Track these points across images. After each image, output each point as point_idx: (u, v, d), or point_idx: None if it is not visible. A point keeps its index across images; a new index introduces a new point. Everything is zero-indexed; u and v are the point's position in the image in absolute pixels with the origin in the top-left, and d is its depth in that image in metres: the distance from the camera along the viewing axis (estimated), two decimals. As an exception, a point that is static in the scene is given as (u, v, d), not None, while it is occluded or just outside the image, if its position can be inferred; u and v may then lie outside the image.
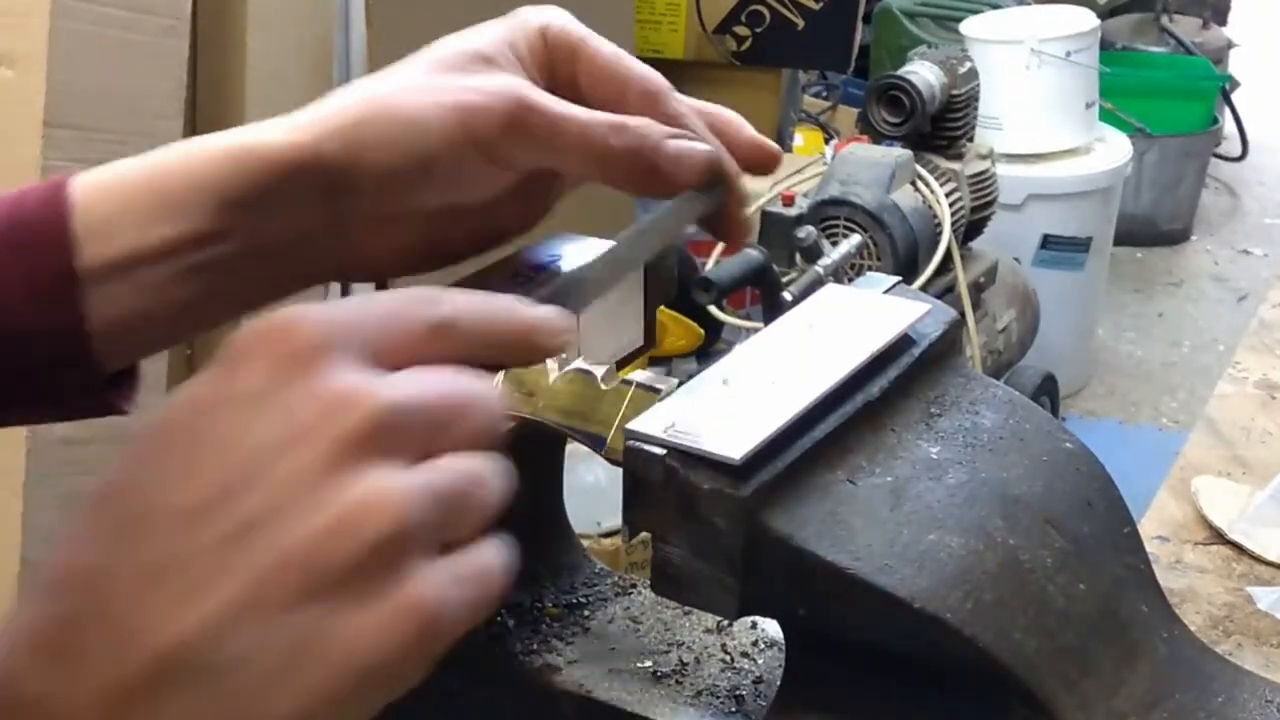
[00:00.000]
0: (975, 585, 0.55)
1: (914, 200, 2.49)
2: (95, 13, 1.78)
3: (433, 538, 0.42)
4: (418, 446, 0.43)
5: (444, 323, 0.45)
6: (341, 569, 0.40)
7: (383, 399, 0.42)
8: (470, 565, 0.43)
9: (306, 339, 0.42)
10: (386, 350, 0.44)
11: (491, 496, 0.44)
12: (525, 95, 0.58)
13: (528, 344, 0.47)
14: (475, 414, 0.44)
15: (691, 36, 3.32)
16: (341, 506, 0.41)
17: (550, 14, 0.63)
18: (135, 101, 1.84)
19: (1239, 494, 1.17)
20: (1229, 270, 4.25)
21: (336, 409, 0.41)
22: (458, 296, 0.46)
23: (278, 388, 0.41)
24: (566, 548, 0.73)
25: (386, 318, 0.44)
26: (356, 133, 0.58)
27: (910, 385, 0.63)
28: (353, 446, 0.41)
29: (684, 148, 0.59)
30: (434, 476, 0.42)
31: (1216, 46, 4.55)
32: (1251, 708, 0.61)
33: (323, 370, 0.42)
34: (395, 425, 0.42)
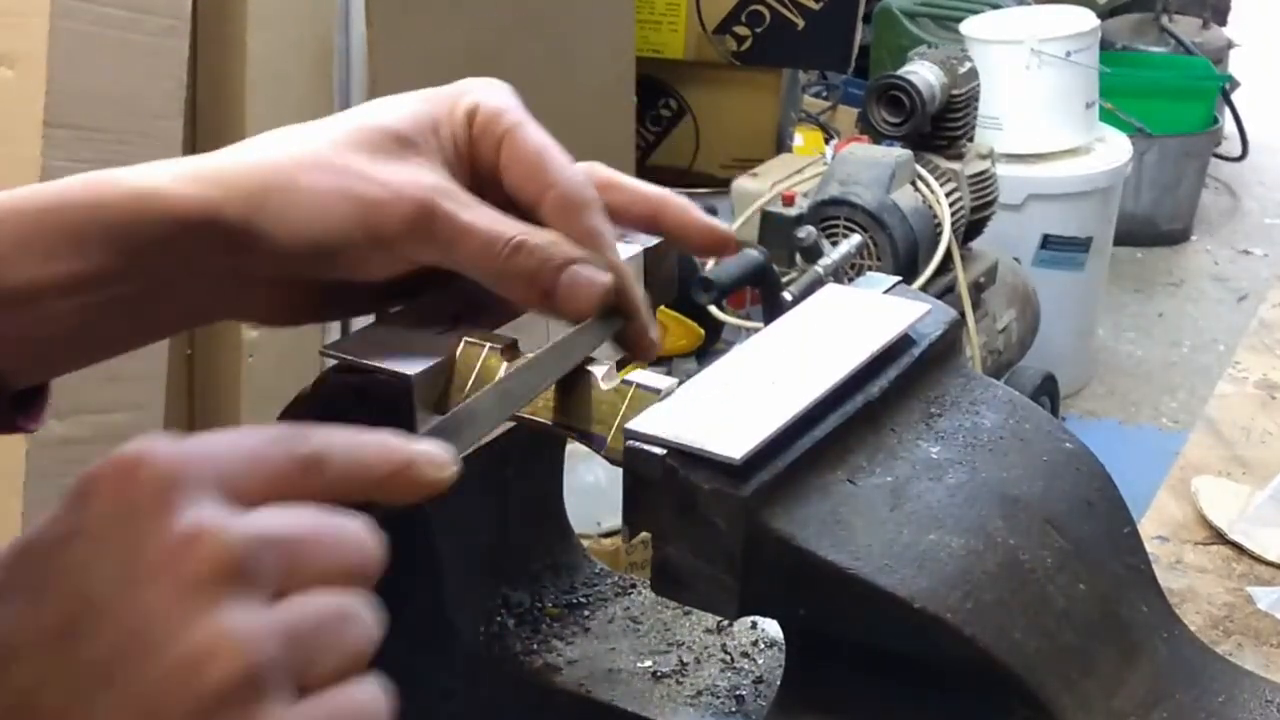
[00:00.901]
0: (975, 585, 0.55)
1: (914, 200, 2.49)
2: (95, 13, 1.78)
3: (290, 679, 0.40)
4: (275, 583, 0.41)
5: (311, 460, 0.43)
6: (188, 715, 0.39)
7: (233, 534, 0.40)
8: (334, 706, 0.41)
9: (157, 474, 0.41)
10: (247, 488, 0.42)
11: (361, 633, 0.42)
12: (431, 199, 0.57)
13: (405, 479, 0.46)
14: (342, 548, 0.43)
15: (691, 36, 3.32)
16: (185, 650, 0.39)
17: (484, 94, 0.61)
18: (135, 101, 1.84)
19: (1239, 494, 1.17)
20: (1229, 270, 4.25)
21: (182, 548, 0.40)
22: (329, 433, 0.44)
23: (123, 527, 0.40)
24: (566, 548, 0.73)
25: (250, 454, 0.43)
26: (256, 201, 0.57)
27: (910, 385, 0.63)
28: (200, 586, 0.40)
29: (580, 278, 0.58)
30: (291, 614, 0.41)
31: (1216, 46, 4.55)
32: (1251, 708, 0.61)
33: (170, 508, 0.40)
34: (246, 563, 0.40)
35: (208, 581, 0.40)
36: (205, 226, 0.57)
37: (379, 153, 0.58)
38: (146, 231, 0.57)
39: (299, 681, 0.40)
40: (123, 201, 0.57)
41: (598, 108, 2.66)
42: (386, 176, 0.57)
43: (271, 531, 0.41)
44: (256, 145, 0.59)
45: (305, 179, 0.57)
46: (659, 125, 3.40)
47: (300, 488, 0.43)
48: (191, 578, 0.40)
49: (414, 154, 0.58)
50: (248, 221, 0.57)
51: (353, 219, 0.57)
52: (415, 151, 0.58)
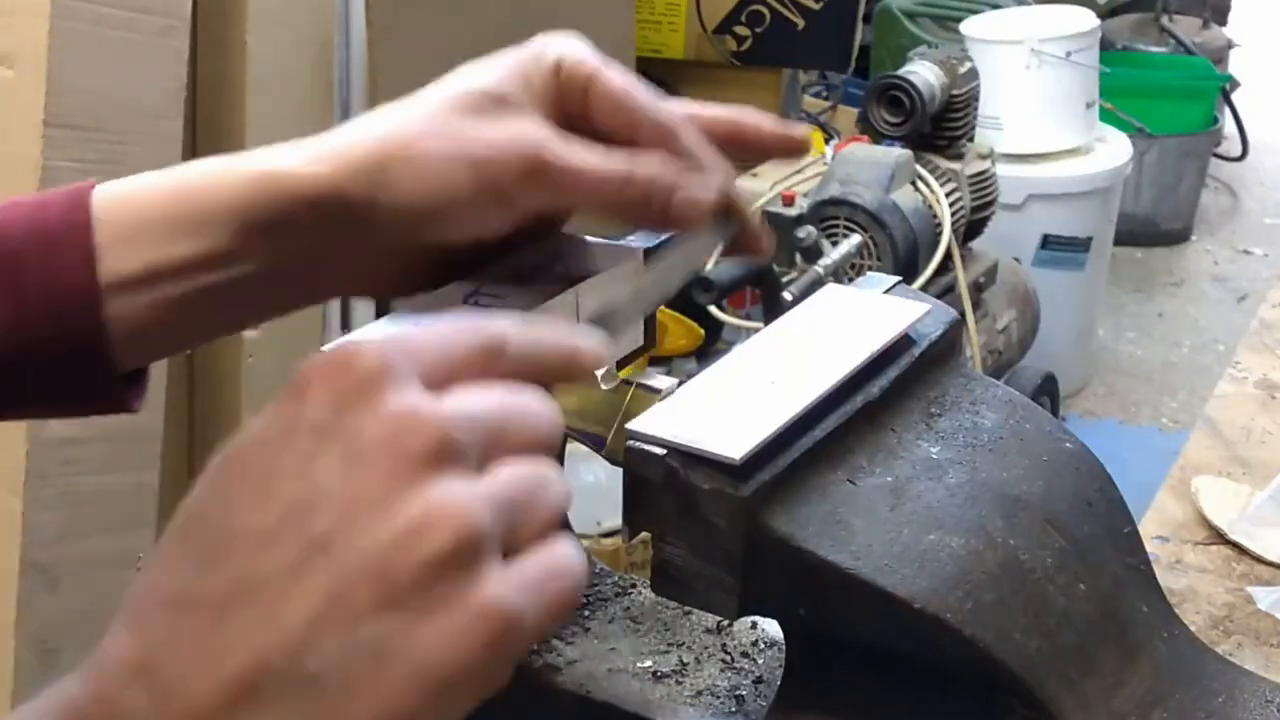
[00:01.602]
0: (975, 585, 0.55)
1: (914, 200, 2.49)
2: (95, 13, 1.78)
3: (500, 544, 0.43)
4: (479, 458, 0.44)
5: (495, 345, 0.47)
6: (413, 578, 0.41)
7: (442, 416, 0.43)
8: (542, 566, 0.44)
9: (365, 369, 0.43)
10: (441, 373, 0.45)
11: (555, 498, 0.45)
12: (540, 147, 0.60)
13: (572, 364, 0.49)
14: (531, 422, 0.46)
15: (691, 36, 3.32)
16: (408, 518, 0.42)
17: (564, 46, 0.64)
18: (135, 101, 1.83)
19: (1239, 494, 1.17)
20: (1229, 270, 4.25)
21: (398, 430, 0.43)
22: (505, 322, 0.48)
23: (339, 417, 0.43)
24: (566, 548, 0.73)
25: (441, 343, 0.46)
26: (378, 174, 0.60)
27: (910, 385, 0.63)
28: (415, 464, 0.42)
29: (692, 196, 0.61)
30: (497, 484, 0.44)
31: (1216, 46, 4.55)
32: (1251, 708, 0.61)
33: (380, 397, 0.43)
34: (455, 439, 0.43)
35: (421, 458, 0.42)
36: (324, 203, 0.60)
37: (482, 113, 0.61)
38: (264, 211, 0.60)
39: (507, 544, 0.43)
40: (240, 183, 0.60)
41: (598, 108, 2.66)
42: (494, 134, 0.60)
43: (473, 410, 0.44)
44: (367, 122, 0.62)
45: (419, 147, 0.60)
46: (659, 125, 3.39)
47: (487, 370, 0.46)
48: (406, 455, 0.42)
49: (513, 110, 0.61)
50: (370, 194, 0.60)
51: (469, 179, 0.60)
52: (514, 107, 0.61)
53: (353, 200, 0.60)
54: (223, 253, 0.60)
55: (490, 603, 0.42)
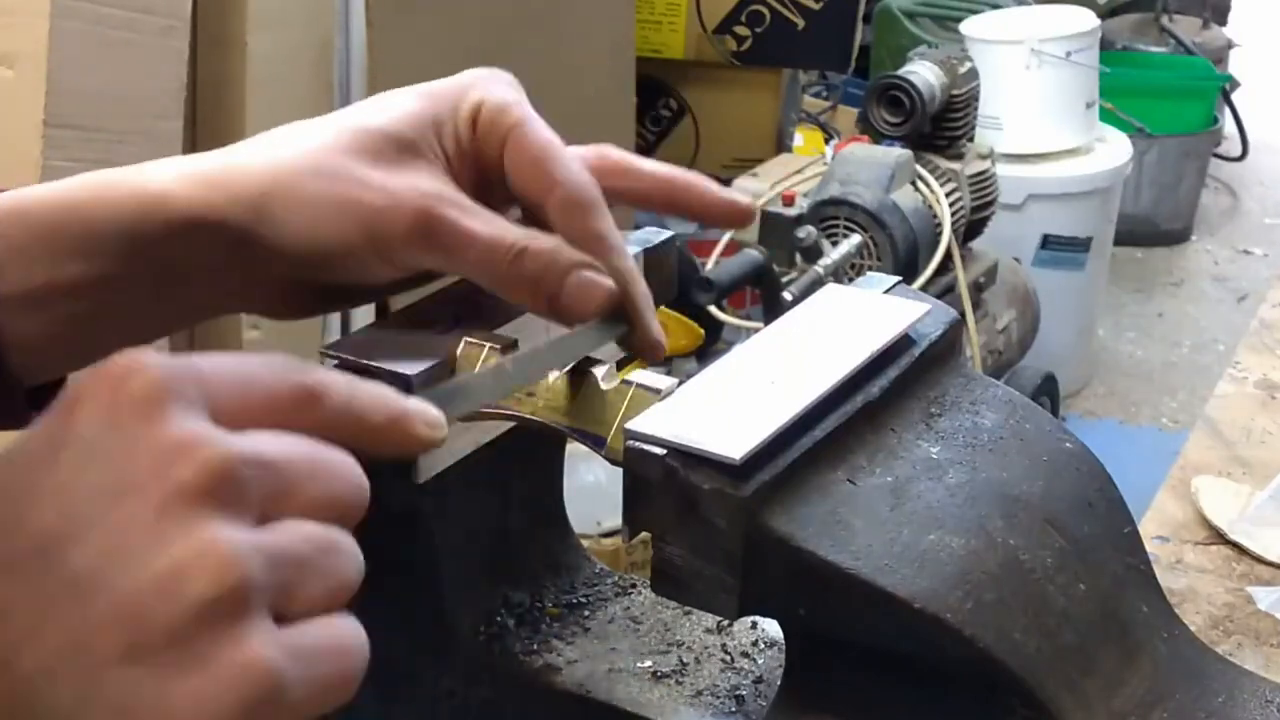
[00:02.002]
0: (975, 585, 0.55)
1: (914, 200, 2.49)
2: (95, 13, 1.78)
3: (272, 603, 0.39)
4: (263, 505, 0.40)
5: (309, 392, 0.43)
6: (167, 628, 0.38)
7: (221, 450, 0.39)
8: (315, 637, 0.40)
9: (144, 385, 0.40)
10: (240, 410, 0.41)
11: (344, 570, 0.41)
12: (431, 208, 0.57)
13: (398, 430, 0.45)
14: (333, 483, 0.42)
15: (691, 36, 3.32)
16: (168, 560, 0.38)
17: (488, 89, 0.60)
18: (135, 101, 1.84)
19: (1239, 494, 1.17)
20: (1229, 270, 4.25)
21: (169, 458, 0.39)
22: (328, 371, 0.44)
23: (109, 435, 0.39)
24: (566, 548, 0.73)
25: (246, 377, 0.42)
26: (259, 207, 0.57)
27: (910, 385, 0.63)
28: (185, 498, 0.39)
29: (584, 284, 0.57)
30: (276, 538, 0.40)
31: (1216, 46, 4.54)
32: (1251, 708, 0.61)
33: (159, 418, 0.39)
34: (234, 479, 0.39)
35: (193, 494, 0.39)
36: (210, 230, 0.57)
37: (379, 157, 0.58)
38: (152, 234, 0.58)
39: (281, 608, 0.40)
40: (128, 204, 0.58)
41: (598, 108, 2.66)
42: (387, 183, 0.57)
43: (263, 452, 0.40)
44: (259, 146, 0.59)
45: (307, 186, 0.57)
46: (659, 125, 3.40)
47: (293, 419, 0.42)
48: (177, 489, 0.39)
49: (415, 158, 0.58)
50: (251, 226, 0.57)
51: (354, 227, 0.57)
52: (416, 155, 0.58)
53: (233, 229, 0.57)
54: (111, 274, 0.58)
55: (251, 661, 0.38)
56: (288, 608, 0.40)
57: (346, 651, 0.41)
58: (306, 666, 0.39)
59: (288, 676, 0.39)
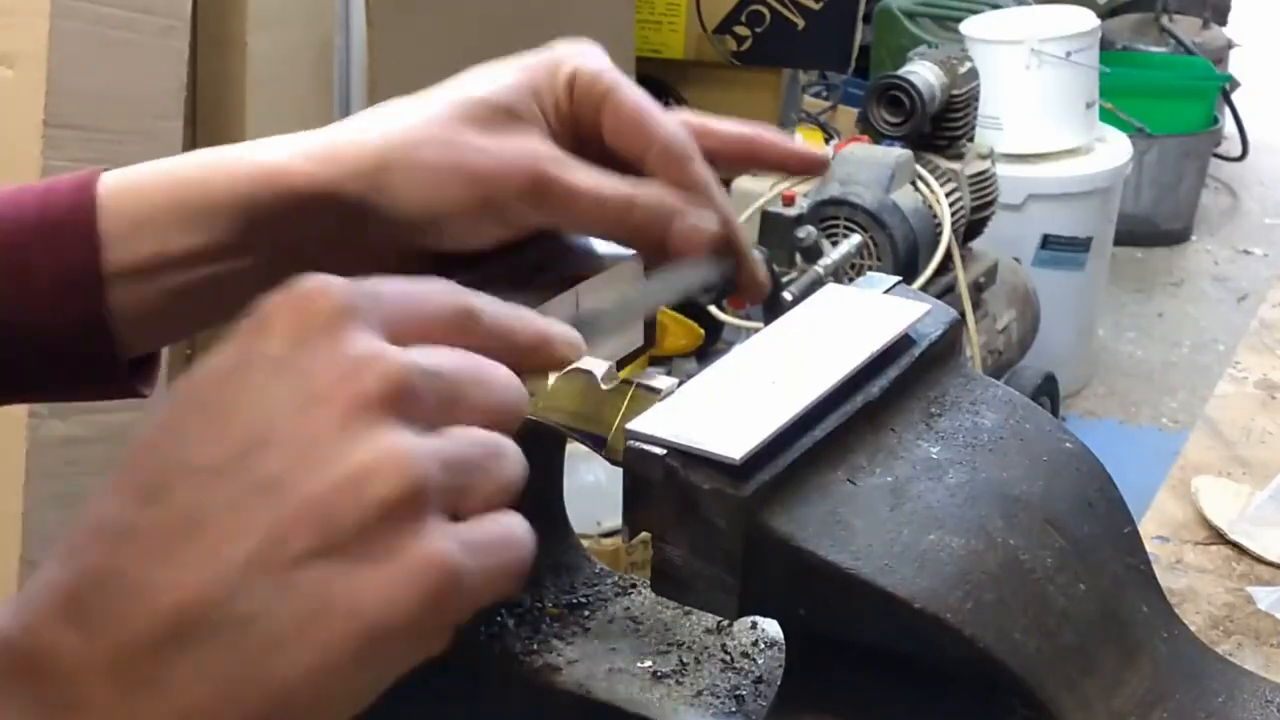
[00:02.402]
0: (975, 585, 0.55)
1: (914, 200, 2.49)
2: (95, 13, 1.78)
3: (447, 503, 0.42)
4: (435, 415, 0.43)
5: (469, 312, 0.46)
6: (354, 526, 0.40)
7: (400, 363, 0.42)
8: (489, 531, 0.43)
9: (328, 306, 0.43)
10: (408, 327, 0.44)
11: (509, 472, 0.44)
12: (542, 167, 0.59)
13: (542, 350, 0.49)
14: (495, 391, 0.45)
15: (691, 36, 3.32)
16: (354, 464, 0.41)
17: (581, 58, 0.63)
18: (135, 101, 1.84)
19: (1239, 494, 1.17)
20: (1229, 270, 4.25)
21: (353, 371, 0.42)
22: (483, 295, 0.47)
23: (298, 351, 0.42)
24: (566, 548, 0.73)
25: (414, 297, 0.45)
26: (376, 178, 0.59)
27: (910, 385, 0.63)
28: (368, 408, 0.41)
29: (691, 228, 0.61)
30: (450, 443, 0.43)
31: (1216, 46, 4.55)
32: (1251, 708, 0.61)
33: (342, 335, 0.42)
34: (412, 390, 0.42)
35: (376, 404, 0.41)
36: (325, 202, 0.60)
37: (488, 125, 0.60)
38: (264, 206, 0.60)
39: (454, 507, 0.42)
40: (242, 177, 0.60)
41: (598, 108, 2.66)
42: (497, 148, 0.59)
43: (436, 365, 0.43)
44: (371, 121, 0.61)
45: (420, 155, 0.59)
46: (659, 125, 3.39)
47: (455, 336, 0.45)
48: (361, 400, 0.41)
49: (520, 124, 0.61)
50: (366, 198, 0.59)
51: (469, 191, 0.59)
52: (521, 121, 0.61)
53: (349, 202, 0.59)
54: (224, 246, 0.60)
55: (431, 555, 0.41)
56: (460, 507, 0.43)
57: (514, 544, 0.44)
58: (480, 558, 0.42)
59: (464, 568, 0.42)
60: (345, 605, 0.40)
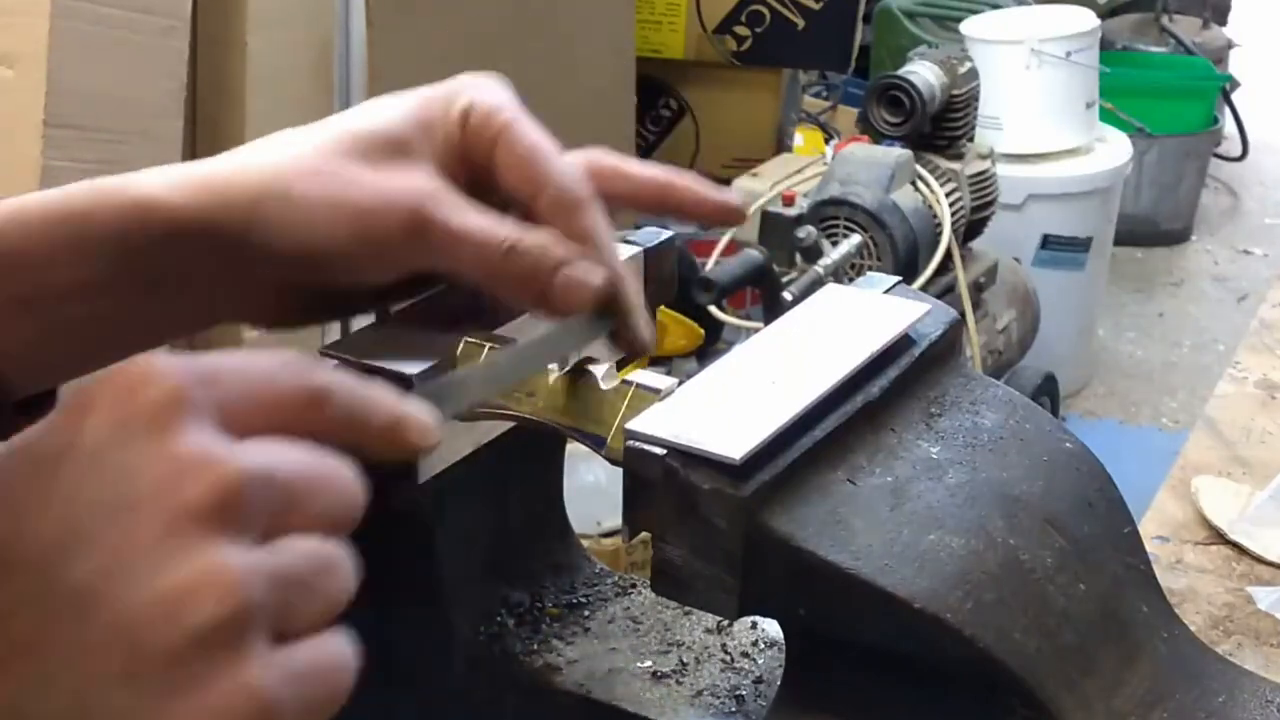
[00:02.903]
0: (975, 585, 0.55)
1: (914, 200, 2.49)
2: (95, 13, 1.78)
3: (270, 625, 0.39)
4: (266, 523, 0.40)
5: (316, 394, 0.43)
6: (169, 650, 0.38)
7: (232, 468, 0.39)
8: (312, 659, 0.40)
9: (160, 393, 0.39)
10: (247, 413, 0.41)
11: (339, 586, 0.41)
12: (424, 207, 0.57)
13: (394, 435, 0.45)
14: (332, 496, 0.42)
15: (691, 36, 3.32)
16: (176, 582, 0.38)
17: (478, 92, 0.60)
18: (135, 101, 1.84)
19: (1239, 494, 1.17)
20: (1229, 270, 4.25)
21: (181, 474, 0.39)
22: (334, 372, 0.44)
23: (123, 444, 0.39)
24: (566, 548, 0.73)
25: (255, 378, 0.42)
26: (253, 210, 0.57)
27: (910, 385, 0.63)
28: (194, 517, 0.38)
29: (573, 279, 0.58)
30: (279, 558, 0.40)
31: (1216, 46, 4.54)
32: (1251, 708, 0.61)
33: (172, 430, 0.39)
34: (241, 499, 0.39)
35: (200, 514, 0.38)
36: (203, 236, 0.57)
37: (372, 158, 0.58)
38: (146, 240, 0.57)
39: (277, 627, 0.40)
40: (122, 211, 0.57)
41: (598, 108, 2.66)
42: (379, 183, 0.57)
43: (270, 468, 0.40)
44: (253, 152, 0.59)
45: (299, 187, 0.57)
46: (659, 125, 3.40)
47: (299, 422, 0.42)
48: (186, 508, 0.38)
49: (407, 158, 0.58)
50: (243, 231, 0.57)
51: (346, 227, 0.57)
52: (408, 155, 0.58)
53: (227, 235, 0.57)
54: (104, 281, 0.57)
55: (247, 688, 0.38)
56: (284, 628, 0.40)
57: (337, 671, 0.41)
58: (300, 689, 0.39)
59: (283, 702, 0.39)
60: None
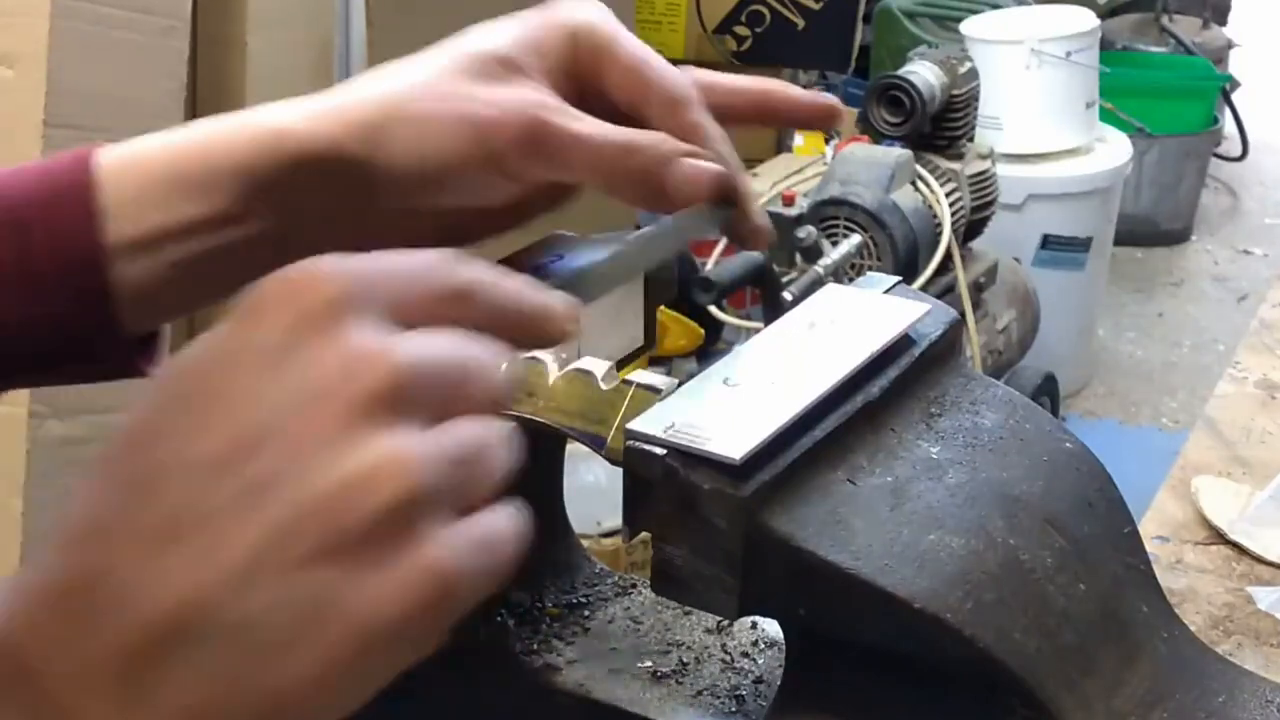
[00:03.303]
0: (975, 585, 0.55)
1: (914, 200, 2.49)
2: (95, 13, 1.78)
3: (447, 502, 0.42)
4: (432, 409, 0.42)
5: (464, 289, 0.45)
6: (357, 529, 0.40)
7: (400, 360, 0.41)
8: (484, 530, 0.42)
9: (327, 295, 0.41)
10: (404, 308, 0.43)
11: (502, 463, 0.44)
12: (540, 115, 0.59)
13: (537, 324, 0.47)
14: (487, 379, 0.44)
15: (691, 36, 3.32)
16: (358, 467, 0.40)
17: (582, 12, 0.63)
18: (135, 101, 1.83)
19: (1239, 494, 1.17)
20: (1229, 270, 4.25)
21: (354, 368, 0.41)
22: (477, 267, 0.46)
23: (296, 343, 0.41)
24: (566, 548, 0.73)
25: (409, 276, 0.44)
26: (376, 133, 0.59)
27: (910, 385, 0.63)
28: (369, 407, 0.41)
29: (690, 171, 0.59)
30: (448, 440, 0.42)
31: (1216, 46, 4.54)
32: (1251, 708, 0.61)
33: (342, 328, 0.41)
34: (412, 387, 0.41)
35: (375, 403, 0.41)
36: (328, 161, 0.59)
37: (486, 76, 0.60)
38: (270, 171, 0.59)
39: (451, 506, 0.42)
40: (241, 141, 0.59)
41: (598, 108, 2.66)
42: (495, 97, 0.59)
43: (433, 357, 0.42)
44: (368, 81, 0.61)
45: (418, 107, 0.59)
46: (659, 125, 3.39)
47: (453, 314, 0.44)
48: (360, 398, 0.40)
49: (519, 75, 0.60)
50: (367, 153, 0.59)
51: (466, 141, 0.59)
52: (520, 72, 0.60)
53: (350, 160, 0.59)
54: (228, 213, 0.59)
55: (432, 563, 0.40)
56: (457, 505, 0.42)
57: (508, 539, 0.43)
58: (476, 558, 0.42)
59: (461, 571, 0.41)
60: (347, 610, 0.40)
